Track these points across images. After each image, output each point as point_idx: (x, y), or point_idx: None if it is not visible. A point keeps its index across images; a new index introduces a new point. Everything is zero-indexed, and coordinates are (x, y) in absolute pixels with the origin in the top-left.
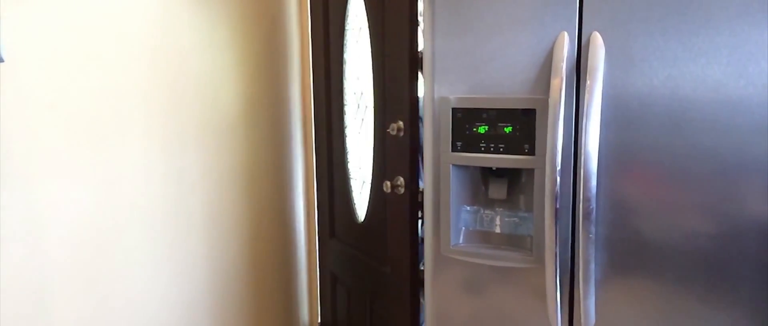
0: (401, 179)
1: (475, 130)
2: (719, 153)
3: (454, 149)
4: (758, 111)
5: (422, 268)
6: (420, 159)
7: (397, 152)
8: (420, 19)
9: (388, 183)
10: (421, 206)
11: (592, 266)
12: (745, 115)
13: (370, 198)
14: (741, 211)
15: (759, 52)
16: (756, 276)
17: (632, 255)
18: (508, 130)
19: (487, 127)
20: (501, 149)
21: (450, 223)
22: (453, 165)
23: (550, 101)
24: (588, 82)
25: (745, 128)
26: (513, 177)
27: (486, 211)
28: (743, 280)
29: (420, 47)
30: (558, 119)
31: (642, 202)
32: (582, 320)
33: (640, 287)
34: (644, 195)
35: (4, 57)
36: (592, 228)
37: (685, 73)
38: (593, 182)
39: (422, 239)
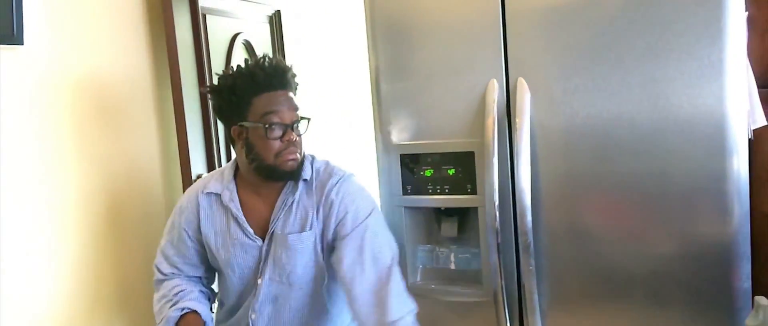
0: None
1: (422, 173)
2: (641, 181)
3: (405, 192)
4: (671, 138)
5: None
6: None
7: None
8: None
9: None
10: None
11: (536, 297)
12: (659, 145)
13: None
14: (666, 235)
15: (667, 89)
16: (685, 297)
17: (573, 283)
18: (451, 172)
19: (432, 170)
20: (446, 190)
21: (407, 262)
22: (405, 207)
23: (484, 143)
24: (517, 123)
25: (661, 157)
26: (463, 216)
27: (440, 249)
28: (675, 301)
29: None
30: (492, 159)
31: (576, 232)
32: None
33: (585, 314)
34: (577, 225)
35: None
36: (532, 261)
37: (602, 111)
38: (528, 216)
39: None
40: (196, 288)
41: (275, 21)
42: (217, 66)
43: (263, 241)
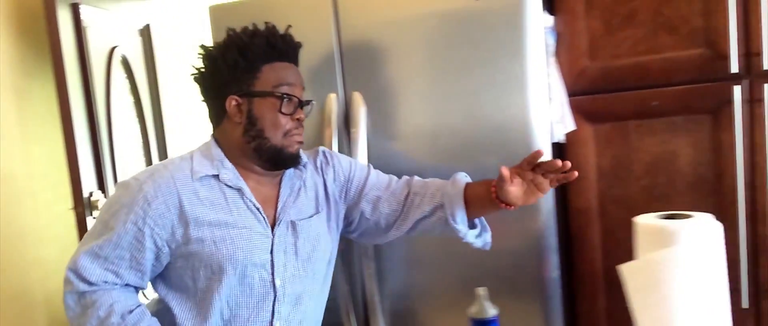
0: None
1: None
2: None
3: None
4: (485, 144)
5: None
6: None
7: None
8: None
9: None
10: None
11: (377, 298)
12: (476, 150)
13: None
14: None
15: (480, 100)
16: (504, 288)
17: (408, 283)
18: None
19: None
20: None
21: None
22: None
23: None
24: (353, 133)
25: (478, 161)
26: None
27: None
28: (498, 292)
29: None
30: None
31: (411, 237)
32: None
33: (423, 314)
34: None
35: None
36: (372, 264)
37: (428, 120)
38: None
39: None
40: (143, 307)
41: (146, 34)
42: (99, 80)
43: (272, 232)
